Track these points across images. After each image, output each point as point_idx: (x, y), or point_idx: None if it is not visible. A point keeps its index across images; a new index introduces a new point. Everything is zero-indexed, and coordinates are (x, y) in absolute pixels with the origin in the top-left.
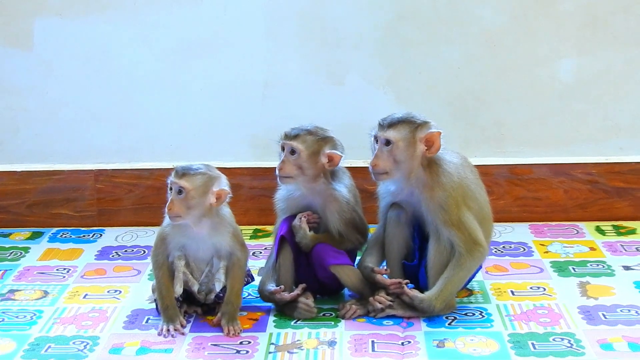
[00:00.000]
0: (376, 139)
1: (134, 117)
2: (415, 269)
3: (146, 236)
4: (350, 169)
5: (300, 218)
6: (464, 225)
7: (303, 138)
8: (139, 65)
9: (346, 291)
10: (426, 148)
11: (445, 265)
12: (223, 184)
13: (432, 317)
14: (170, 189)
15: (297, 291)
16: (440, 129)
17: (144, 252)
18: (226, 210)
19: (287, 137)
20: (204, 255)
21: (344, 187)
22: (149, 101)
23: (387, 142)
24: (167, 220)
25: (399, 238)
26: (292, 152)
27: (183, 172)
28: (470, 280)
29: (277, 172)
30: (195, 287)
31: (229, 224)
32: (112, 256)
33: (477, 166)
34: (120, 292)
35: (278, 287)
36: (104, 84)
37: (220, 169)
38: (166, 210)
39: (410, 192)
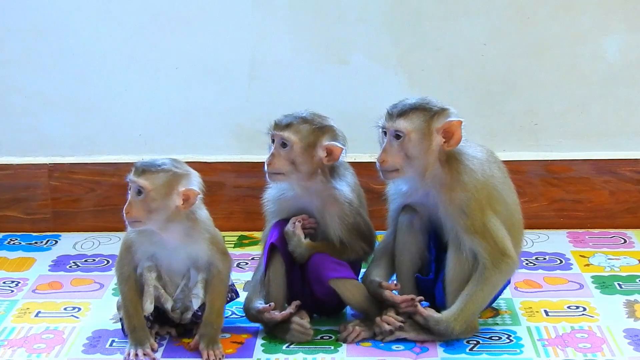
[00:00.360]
0: (384, 130)
1: (95, 102)
2: (430, 284)
3: (110, 243)
4: (353, 164)
5: (294, 223)
6: (490, 233)
7: (296, 128)
8: (101, 41)
9: (348, 310)
10: (444, 140)
11: (466, 280)
12: (192, 182)
13: (450, 341)
14: (129, 188)
15: (289, 309)
16: (461, 118)
17: (108, 262)
18: (202, 213)
19: (278, 126)
20: (179, 267)
21: (346, 186)
22: (114, 84)
23: (398, 135)
24: None
25: (412, 247)
26: (284, 144)
27: (143, 169)
28: (496, 297)
29: (265, 167)
30: (169, 305)
31: (205, 230)
32: (70, 267)
33: (506, 162)
34: (80, 309)
35: (267, 305)
36: (60, 64)
37: (198, 164)
38: (124, 213)
39: (426, 193)
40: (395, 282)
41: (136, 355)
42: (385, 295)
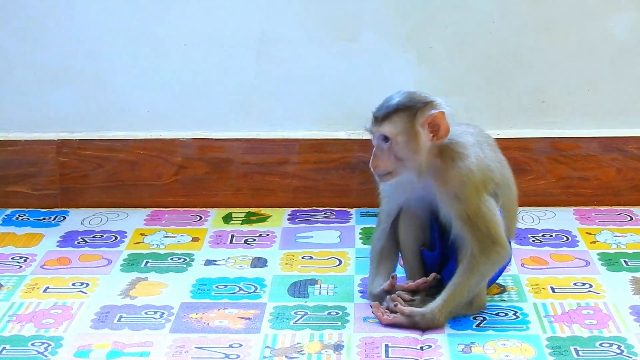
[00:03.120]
0: (372, 134)
1: (103, 78)
2: (437, 259)
3: (118, 219)
4: (361, 141)
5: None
6: (483, 218)
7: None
8: (110, 17)
9: None
10: (432, 134)
11: None
12: None
13: (457, 317)
14: None
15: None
16: (445, 108)
17: (116, 238)
18: None
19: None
20: None
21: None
22: (122, 60)
23: (385, 138)
24: None
25: (414, 225)
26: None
27: None
28: (493, 281)
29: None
30: None
31: None
32: (78, 243)
33: (513, 140)
34: (88, 285)
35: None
36: (68, 40)
37: (206, 140)
38: None
39: (423, 185)
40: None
41: None
42: (397, 296)
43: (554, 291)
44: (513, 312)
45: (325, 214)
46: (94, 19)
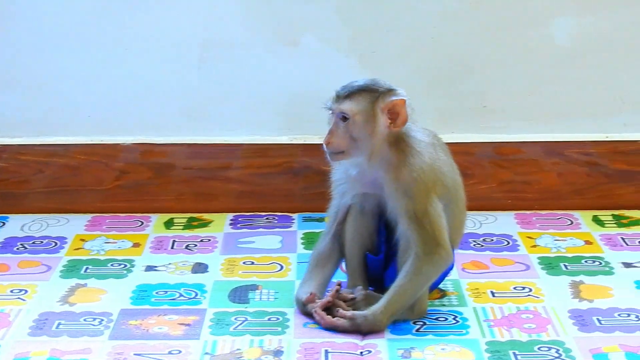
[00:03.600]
0: (332, 112)
1: (43, 83)
2: (380, 265)
3: (58, 225)
4: (303, 146)
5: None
6: (429, 220)
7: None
8: (50, 19)
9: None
10: (390, 121)
11: None
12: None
13: (398, 322)
14: None
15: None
16: (405, 96)
17: (56, 244)
18: None
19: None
20: None
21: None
22: (63, 63)
23: (344, 117)
24: None
25: (363, 229)
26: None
27: None
28: (435, 286)
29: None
30: None
31: None
32: (17, 249)
33: (455, 144)
34: (27, 292)
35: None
36: (6, 43)
37: (148, 145)
38: None
39: (374, 178)
40: (312, 292)
41: None
42: (310, 310)
43: (493, 295)
44: (453, 317)
45: (267, 219)
46: (34, 23)
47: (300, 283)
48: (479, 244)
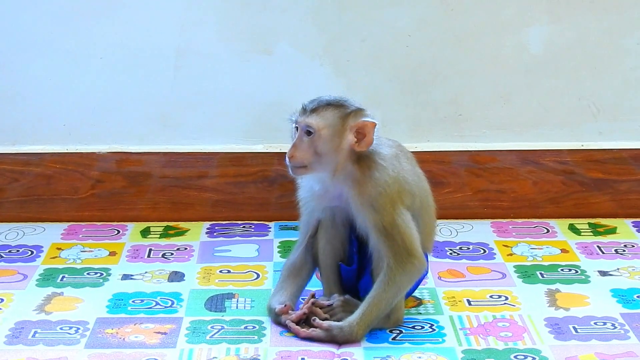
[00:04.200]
0: (297, 125)
1: (17, 92)
2: (353, 275)
3: (34, 234)
4: (280, 154)
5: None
6: (398, 230)
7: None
8: (24, 29)
9: None
10: (356, 140)
11: None
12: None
13: (374, 330)
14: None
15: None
16: (376, 120)
17: (32, 252)
18: None
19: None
20: None
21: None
22: (37, 72)
23: (309, 131)
24: None
25: (335, 240)
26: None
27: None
28: (410, 293)
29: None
30: None
31: None
32: None
33: (430, 153)
34: (3, 300)
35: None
36: None
37: (124, 154)
38: None
39: (339, 194)
40: (287, 303)
41: None
42: (284, 320)
43: (470, 304)
44: (429, 325)
45: (244, 227)
46: (7, 30)
47: (273, 293)
48: (455, 252)
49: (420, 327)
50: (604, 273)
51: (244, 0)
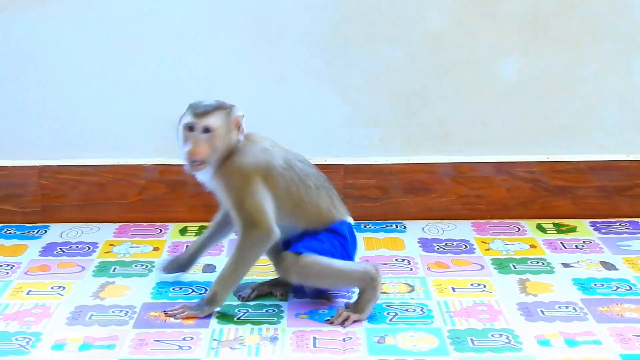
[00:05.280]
0: (190, 127)
1: (78, 114)
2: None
3: (91, 232)
4: None
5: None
6: (246, 206)
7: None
8: (81, 59)
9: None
10: (237, 132)
11: None
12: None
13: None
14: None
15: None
16: (242, 113)
17: (89, 248)
18: None
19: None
20: None
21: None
22: (93, 98)
23: (206, 130)
24: None
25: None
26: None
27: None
28: (349, 258)
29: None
30: None
31: None
32: (57, 252)
33: (422, 164)
34: (64, 288)
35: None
36: (46, 82)
37: (165, 166)
38: None
39: (215, 178)
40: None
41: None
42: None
43: (454, 290)
44: (420, 309)
45: None
46: (69, 64)
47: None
48: (441, 247)
49: (412, 310)
50: (566, 265)
51: (262, 34)
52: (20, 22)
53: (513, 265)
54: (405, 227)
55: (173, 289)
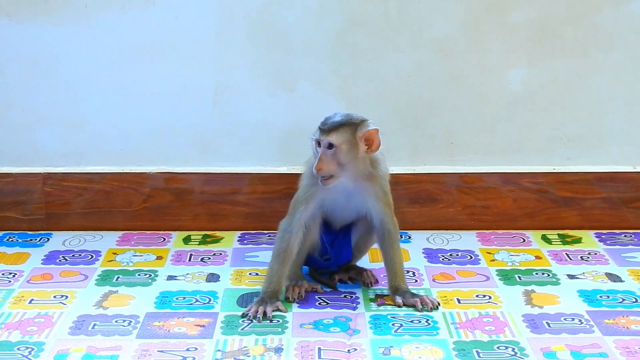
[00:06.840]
0: (318, 142)
1: (82, 121)
2: (325, 266)
3: (94, 241)
4: (298, 175)
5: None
6: (391, 206)
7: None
8: (89, 69)
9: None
10: (367, 147)
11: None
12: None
13: (377, 324)
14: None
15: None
16: (377, 126)
17: (92, 256)
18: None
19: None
20: None
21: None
22: (98, 105)
23: (330, 146)
24: None
25: (314, 235)
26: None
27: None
28: None
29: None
30: None
31: None
32: (59, 261)
33: (428, 174)
34: (67, 297)
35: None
36: (52, 88)
37: (170, 173)
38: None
39: (354, 188)
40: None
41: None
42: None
43: (459, 302)
44: (425, 320)
45: (269, 236)
46: (75, 72)
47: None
48: (446, 258)
49: (418, 322)
50: (571, 276)
51: (272, 45)
52: (26, 30)
53: (518, 277)
54: (410, 237)
55: (177, 298)
